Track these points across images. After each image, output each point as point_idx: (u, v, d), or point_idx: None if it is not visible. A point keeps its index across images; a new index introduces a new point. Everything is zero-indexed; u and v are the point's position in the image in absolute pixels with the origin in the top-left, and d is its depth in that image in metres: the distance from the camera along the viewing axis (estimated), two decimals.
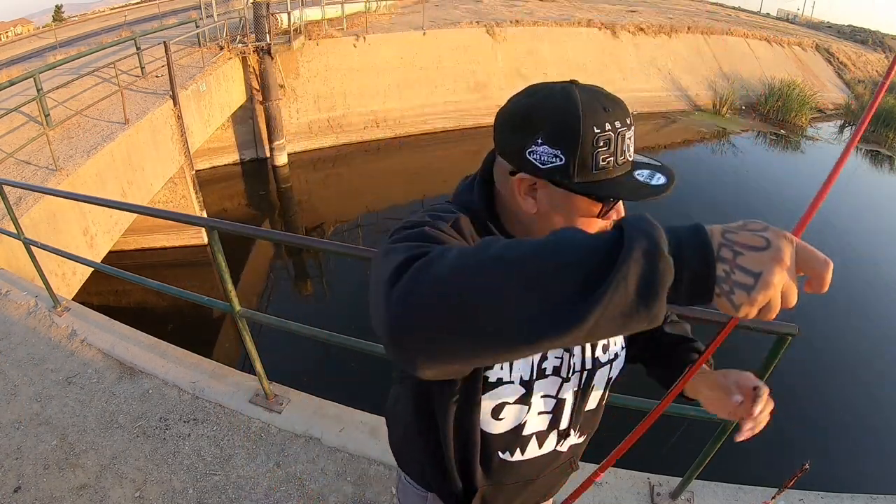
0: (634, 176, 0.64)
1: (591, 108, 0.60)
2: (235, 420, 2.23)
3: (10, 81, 5.73)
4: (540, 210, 0.66)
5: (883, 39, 30.16)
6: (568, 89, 0.62)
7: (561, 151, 0.61)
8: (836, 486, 2.34)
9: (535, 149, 0.62)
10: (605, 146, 0.61)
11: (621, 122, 0.61)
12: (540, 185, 0.65)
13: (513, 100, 0.66)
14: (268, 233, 2.96)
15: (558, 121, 0.60)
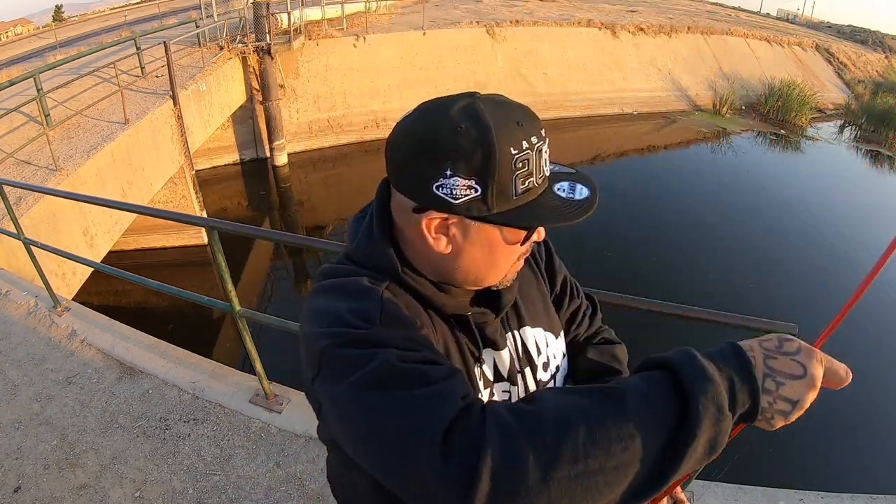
0: (555, 191, 0.57)
1: (505, 127, 0.53)
2: (235, 420, 2.23)
3: (10, 81, 5.74)
4: (455, 249, 0.58)
5: (883, 39, 30.17)
6: (473, 107, 0.53)
7: (476, 181, 0.53)
8: (836, 486, 2.34)
9: (444, 182, 0.53)
10: (524, 167, 0.53)
11: (537, 135, 0.55)
12: (453, 222, 0.57)
13: (406, 125, 0.57)
14: (268, 233, 2.96)
15: (469, 147, 0.52)
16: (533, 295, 0.76)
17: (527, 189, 0.55)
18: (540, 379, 0.72)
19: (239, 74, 10.68)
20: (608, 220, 9.71)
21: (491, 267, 0.61)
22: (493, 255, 0.60)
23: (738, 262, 8.37)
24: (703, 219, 10.06)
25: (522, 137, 0.53)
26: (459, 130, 0.52)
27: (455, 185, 0.53)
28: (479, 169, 0.52)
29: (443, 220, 0.56)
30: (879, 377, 6.12)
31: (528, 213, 0.55)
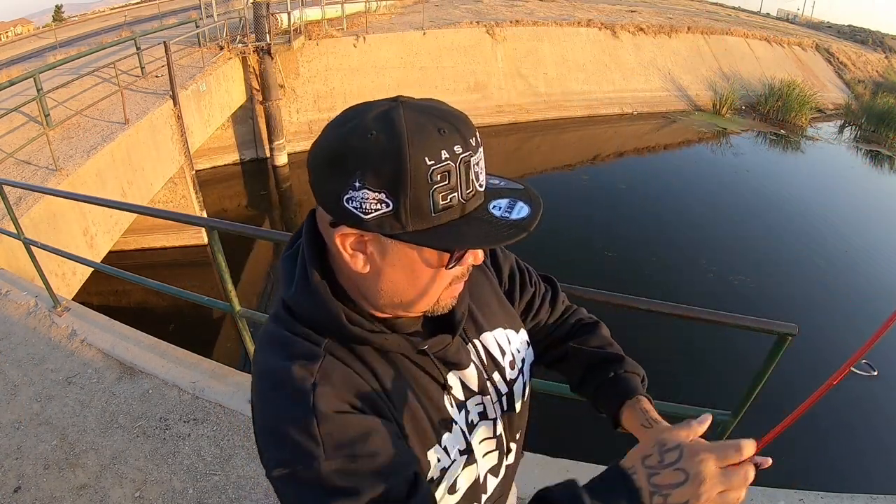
0: (489, 210, 0.51)
1: (420, 134, 0.47)
2: (235, 420, 2.23)
3: (10, 81, 5.74)
4: (373, 268, 0.54)
5: (883, 39, 30.18)
6: (388, 112, 0.48)
7: (386, 195, 0.47)
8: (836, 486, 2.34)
9: (353, 194, 0.48)
10: (444, 180, 0.47)
11: (463, 145, 0.48)
12: (369, 238, 0.52)
13: (325, 131, 0.52)
14: (268, 233, 2.95)
15: (378, 155, 0.47)
16: (485, 295, 0.73)
17: (449, 206, 0.49)
18: (510, 378, 0.71)
19: (239, 74, 10.68)
20: (608, 220, 9.71)
21: (416, 291, 0.56)
22: (416, 278, 0.54)
23: (738, 262, 8.36)
24: (703, 219, 10.06)
25: (442, 147, 0.47)
26: (369, 137, 0.47)
27: (364, 199, 0.48)
28: (389, 181, 0.47)
29: (358, 236, 0.52)
30: (879, 377, 6.12)
31: (448, 233, 0.49)
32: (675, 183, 12.00)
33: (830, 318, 6.87)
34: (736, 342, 5.46)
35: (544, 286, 0.85)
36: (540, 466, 2.00)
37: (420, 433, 0.59)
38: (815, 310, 7.27)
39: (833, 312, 7.08)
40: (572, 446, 3.17)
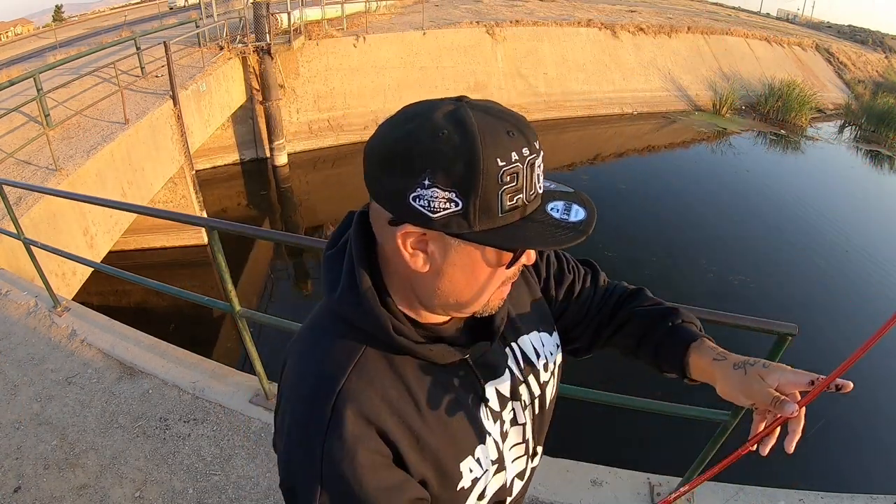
0: (547, 212, 0.52)
1: (492, 135, 0.47)
2: (235, 420, 2.23)
3: (10, 81, 5.74)
4: (433, 268, 0.53)
5: (883, 39, 30.18)
6: (458, 111, 0.48)
7: (457, 194, 0.47)
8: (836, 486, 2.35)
9: (421, 192, 0.48)
10: (512, 182, 0.48)
11: (529, 147, 0.49)
12: (431, 237, 0.51)
13: (386, 128, 0.53)
14: (268, 233, 2.96)
15: (450, 154, 0.47)
16: (522, 297, 0.73)
17: (514, 206, 0.49)
18: (542, 381, 0.72)
19: (239, 74, 10.68)
20: (609, 220, 9.71)
21: (473, 291, 0.56)
22: (476, 277, 0.55)
23: (738, 262, 8.36)
24: (703, 219, 10.06)
25: (512, 148, 0.48)
26: (441, 136, 0.47)
27: (434, 197, 0.48)
28: (461, 180, 0.47)
29: (420, 234, 0.51)
30: (879, 377, 6.12)
31: (514, 234, 0.50)
32: (675, 183, 12.00)
33: (830, 318, 6.87)
34: (736, 342, 5.44)
35: (584, 269, 0.86)
36: (540, 466, 2.00)
37: (454, 446, 0.59)
38: (815, 310, 7.27)
39: (833, 312, 7.08)
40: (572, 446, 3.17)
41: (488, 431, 0.63)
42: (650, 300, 0.82)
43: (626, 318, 0.80)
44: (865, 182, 14.11)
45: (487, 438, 0.63)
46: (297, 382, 0.57)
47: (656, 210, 10.18)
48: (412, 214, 0.49)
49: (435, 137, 0.47)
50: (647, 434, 4.25)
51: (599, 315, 0.83)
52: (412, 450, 0.55)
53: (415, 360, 0.58)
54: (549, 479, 1.93)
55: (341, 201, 10.85)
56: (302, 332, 0.63)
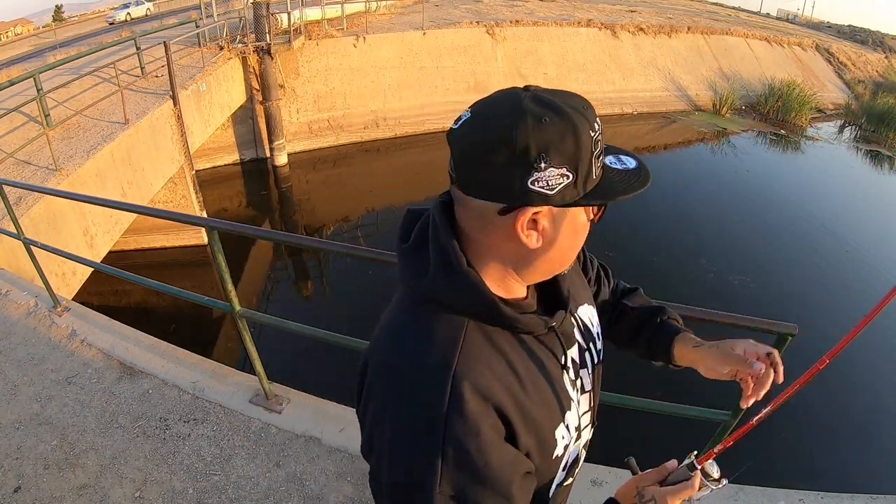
0: (609, 165, 0.60)
1: (578, 112, 0.54)
2: (235, 420, 2.23)
3: (10, 81, 5.74)
4: (546, 241, 0.58)
5: (883, 39, 30.18)
6: (543, 97, 0.54)
7: (567, 168, 0.53)
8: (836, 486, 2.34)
9: (539, 175, 0.53)
10: (597, 146, 0.55)
11: (597, 118, 0.57)
12: (543, 214, 0.56)
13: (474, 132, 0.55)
14: (268, 233, 2.96)
15: (558, 136, 0.52)
16: (573, 272, 0.78)
17: (599, 166, 0.57)
18: (598, 348, 0.78)
19: (239, 74, 10.68)
20: (610, 219, 9.69)
21: (572, 250, 0.63)
22: (576, 237, 0.61)
23: (738, 262, 8.36)
24: (703, 218, 10.06)
25: (591, 119, 0.55)
26: (544, 121, 0.52)
27: (550, 177, 0.53)
28: (571, 156, 0.53)
29: (531, 215, 0.56)
30: (880, 377, 6.12)
31: (607, 189, 0.57)
32: (675, 183, 12.00)
33: (830, 318, 6.86)
34: None
35: (597, 263, 0.95)
36: None
37: (550, 413, 0.63)
38: (815, 310, 7.27)
39: (833, 312, 7.07)
40: None
41: (571, 397, 0.68)
42: (643, 299, 0.96)
43: (624, 309, 0.93)
44: (865, 182, 14.11)
45: (572, 405, 0.68)
46: (403, 370, 0.57)
47: (657, 210, 10.18)
48: (532, 197, 0.54)
49: (540, 124, 0.52)
50: (647, 434, 4.24)
51: (610, 308, 0.94)
52: (521, 423, 0.57)
53: (508, 333, 0.61)
54: None
55: (341, 201, 10.85)
56: (390, 323, 0.63)
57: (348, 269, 7.83)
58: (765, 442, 4.67)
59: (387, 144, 12.93)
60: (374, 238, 9.18)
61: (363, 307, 7.00)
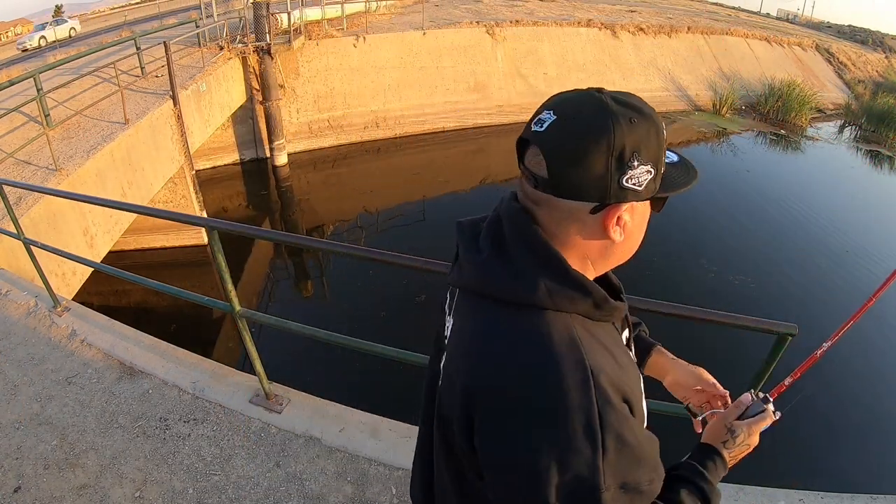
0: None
1: (652, 110, 0.58)
2: (235, 420, 2.23)
3: (10, 81, 5.74)
4: (626, 234, 0.61)
5: (883, 39, 30.17)
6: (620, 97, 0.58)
7: (651, 164, 0.57)
8: (836, 486, 2.34)
9: (631, 173, 0.56)
10: (665, 142, 0.60)
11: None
12: (625, 209, 0.59)
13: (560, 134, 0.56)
14: (268, 233, 2.96)
15: (646, 134, 0.56)
16: None
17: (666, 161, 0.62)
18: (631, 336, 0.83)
19: (239, 74, 10.68)
20: None
21: (640, 242, 0.67)
22: (644, 229, 0.65)
23: (739, 262, 8.36)
24: (703, 218, 10.06)
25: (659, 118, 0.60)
26: (633, 123, 0.55)
27: (640, 174, 0.57)
28: (655, 152, 0.58)
29: (617, 210, 0.59)
30: (880, 377, 6.12)
31: (672, 181, 0.62)
32: None
33: (830, 318, 6.86)
34: (736, 342, 5.45)
35: None
36: None
37: (640, 392, 0.65)
38: (815, 309, 7.27)
39: (833, 312, 7.07)
40: None
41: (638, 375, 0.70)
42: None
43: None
44: (865, 182, 14.10)
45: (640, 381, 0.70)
46: (541, 381, 0.55)
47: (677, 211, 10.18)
48: (626, 194, 0.58)
49: (631, 125, 0.55)
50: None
51: None
52: (634, 405, 0.60)
53: (598, 324, 0.63)
54: None
55: (341, 201, 10.84)
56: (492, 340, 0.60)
57: (348, 269, 7.83)
58: (765, 442, 4.67)
59: (387, 144, 12.93)
60: (373, 238, 9.18)
61: (363, 307, 7.00)
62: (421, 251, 1.74)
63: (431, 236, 9.01)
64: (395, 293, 6.99)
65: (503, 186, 11.55)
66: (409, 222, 9.77)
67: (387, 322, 6.48)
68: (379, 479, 1.97)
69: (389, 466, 2.01)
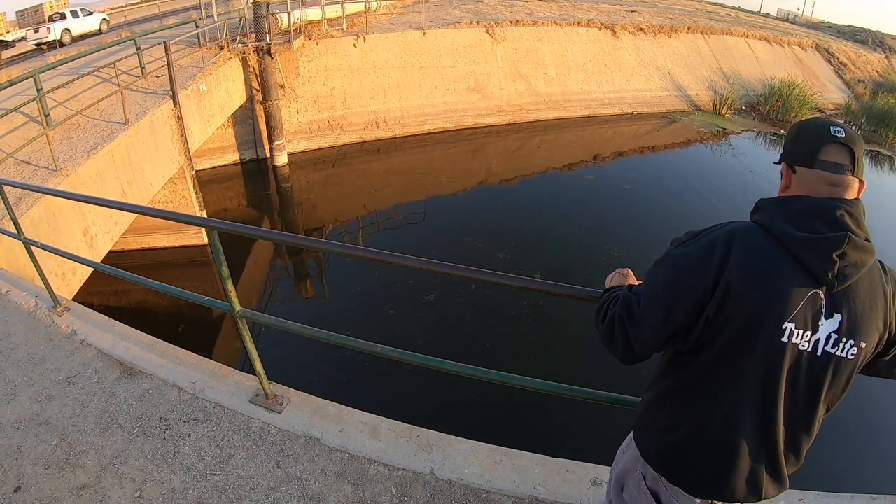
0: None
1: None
2: (235, 420, 2.23)
3: (10, 81, 5.73)
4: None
5: (883, 39, 30.18)
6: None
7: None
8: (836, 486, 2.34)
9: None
10: None
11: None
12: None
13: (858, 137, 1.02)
14: (268, 233, 2.96)
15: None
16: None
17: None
18: None
19: (239, 74, 10.68)
20: (611, 219, 9.71)
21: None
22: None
23: None
24: (703, 219, 10.02)
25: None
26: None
27: None
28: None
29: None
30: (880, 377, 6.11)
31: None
32: (675, 183, 12.01)
33: None
34: None
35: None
36: (540, 466, 2.00)
37: None
38: None
39: None
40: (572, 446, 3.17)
41: None
42: None
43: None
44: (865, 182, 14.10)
45: None
46: None
47: (658, 210, 10.19)
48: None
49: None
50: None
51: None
52: None
53: None
54: (549, 479, 1.93)
55: (341, 201, 10.85)
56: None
57: (348, 269, 7.83)
58: None
59: (387, 144, 12.93)
60: (373, 238, 9.18)
61: (363, 307, 7.00)
62: (421, 251, 1.74)
63: (432, 236, 9.01)
64: (401, 292, 7.01)
65: (503, 186, 11.55)
66: (409, 222, 9.77)
67: (395, 320, 6.49)
68: (379, 479, 1.97)
69: (389, 466, 2.01)
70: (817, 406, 0.98)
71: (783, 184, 1.06)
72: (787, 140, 1.08)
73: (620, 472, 1.22)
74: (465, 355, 2.02)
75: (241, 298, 2.10)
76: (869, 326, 0.96)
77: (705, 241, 0.99)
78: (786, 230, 0.94)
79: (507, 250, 8.19)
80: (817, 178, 0.99)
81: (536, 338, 6.21)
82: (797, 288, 0.92)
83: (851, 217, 0.97)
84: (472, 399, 4.92)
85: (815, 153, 0.99)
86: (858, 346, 0.95)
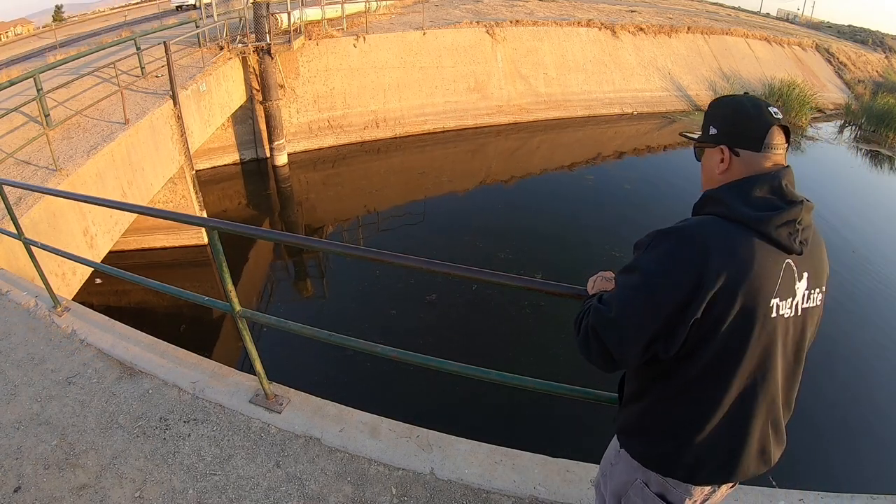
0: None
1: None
2: (235, 420, 2.23)
3: (10, 81, 5.73)
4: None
5: (883, 39, 30.18)
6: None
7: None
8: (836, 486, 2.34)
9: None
10: None
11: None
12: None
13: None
14: (268, 233, 2.96)
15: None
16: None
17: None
18: None
19: (239, 74, 10.68)
20: (611, 219, 9.71)
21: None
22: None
23: None
24: None
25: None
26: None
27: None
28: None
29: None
30: (879, 377, 6.12)
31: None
32: (676, 183, 12.00)
33: (831, 317, 6.85)
34: None
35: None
36: (540, 466, 2.00)
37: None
38: None
39: (833, 311, 7.07)
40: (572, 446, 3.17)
41: None
42: None
43: None
44: (865, 182, 14.10)
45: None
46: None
47: (659, 210, 10.18)
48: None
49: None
50: None
51: None
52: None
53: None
54: (549, 479, 1.93)
55: (341, 201, 10.85)
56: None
57: (348, 269, 7.83)
58: None
59: (387, 144, 12.93)
60: (374, 238, 9.18)
61: (363, 307, 7.00)
62: (421, 250, 1.74)
63: (432, 235, 9.01)
64: (402, 292, 7.00)
65: (503, 186, 11.54)
66: (409, 222, 9.77)
67: (396, 320, 6.49)
68: (378, 479, 1.97)
69: (389, 466, 2.01)
70: (803, 357, 1.07)
71: (722, 167, 1.07)
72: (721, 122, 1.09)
73: (617, 486, 1.20)
74: (466, 355, 2.02)
75: (241, 298, 2.10)
76: (823, 269, 1.09)
77: (675, 243, 0.98)
78: (749, 214, 0.97)
79: (508, 250, 8.19)
80: (764, 159, 1.06)
81: (536, 338, 6.21)
82: (774, 265, 0.96)
83: (791, 183, 1.04)
84: (472, 399, 4.92)
85: (762, 137, 1.07)
86: (821, 290, 1.09)
